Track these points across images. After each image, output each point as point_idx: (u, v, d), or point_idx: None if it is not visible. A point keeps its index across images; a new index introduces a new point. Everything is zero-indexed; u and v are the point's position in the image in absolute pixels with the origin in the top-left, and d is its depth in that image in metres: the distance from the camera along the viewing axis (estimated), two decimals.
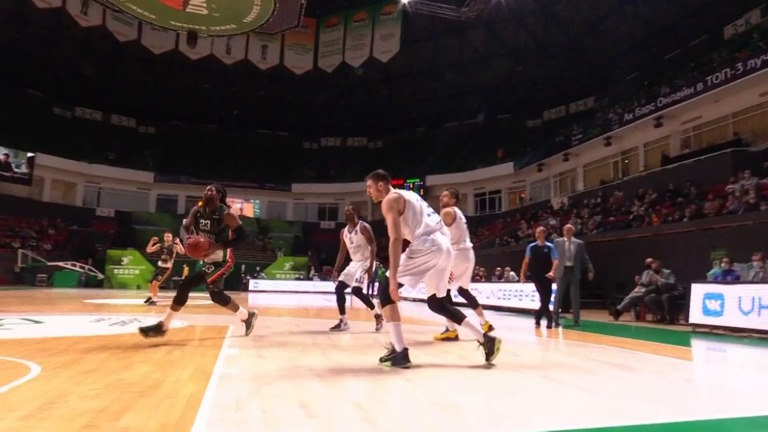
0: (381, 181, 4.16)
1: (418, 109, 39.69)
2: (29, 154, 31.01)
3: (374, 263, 6.80)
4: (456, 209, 5.96)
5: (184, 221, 5.22)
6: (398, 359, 3.83)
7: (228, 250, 5.25)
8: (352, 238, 6.60)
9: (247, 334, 5.74)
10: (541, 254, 7.89)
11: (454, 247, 5.84)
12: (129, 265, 26.32)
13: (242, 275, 28.54)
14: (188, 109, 39.44)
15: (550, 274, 7.76)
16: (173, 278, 26.16)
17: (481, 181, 34.36)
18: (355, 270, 6.61)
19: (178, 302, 4.92)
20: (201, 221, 5.11)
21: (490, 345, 3.99)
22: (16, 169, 30.63)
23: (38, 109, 35.20)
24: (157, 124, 40.21)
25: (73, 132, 36.03)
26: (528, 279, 8.11)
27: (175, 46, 31.34)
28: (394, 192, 4.05)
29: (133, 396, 2.68)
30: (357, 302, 7.25)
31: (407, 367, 3.77)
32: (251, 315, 5.80)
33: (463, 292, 6.19)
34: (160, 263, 11.12)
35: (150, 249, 10.93)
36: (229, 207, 5.20)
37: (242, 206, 39.96)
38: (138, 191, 36.41)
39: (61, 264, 25.25)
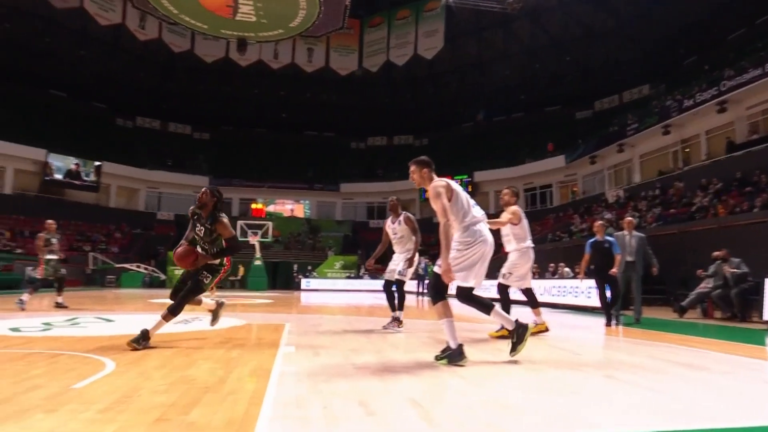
0: (425, 167, 4.09)
1: (463, 104, 39.25)
2: (96, 163, 33.07)
3: (422, 258, 6.72)
4: (519, 208, 5.92)
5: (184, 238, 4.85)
6: (454, 356, 3.79)
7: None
8: (395, 229, 6.46)
9: (212, 324, 5.37)
10: (602, 249, 7.46)
11: (520, 246, 5.78)
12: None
13: (294, 274, 29.20)
14: (239, 114, 40.76)
15: (614, 270, 7.32)
16: (229, 278, 27.21)
17: (531, 176, 33.59)
18: (397, 264, 6.45)
19: (173, 313, 4.52)
20: (197, 225, 4.72)
21: (521, 331, 3.95)
22: (85, 178, 32.79)
23: (102, 120, 37.49)
24: (210, 130, 41.81)
25: (135, 140, 38.12)
26: (588, 276, 7.78)
27: (225, 54, 32.52)
28: (441, 179, 4.01)
29: (199, 392, 2.79)
30: (408, 300, 7.20)
31: (463, 365, 3.73)
32: (219, 305, 5.32)
33: (526, 291, 6.12)
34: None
35: None
36: (222, 214, 4.71)
37: (293, 207, 40.88)
38: (195, 195, 37.86)
39: (127, 266, 26.73)
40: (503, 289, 5.98)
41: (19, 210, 28.92)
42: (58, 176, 31.70)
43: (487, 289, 16.71)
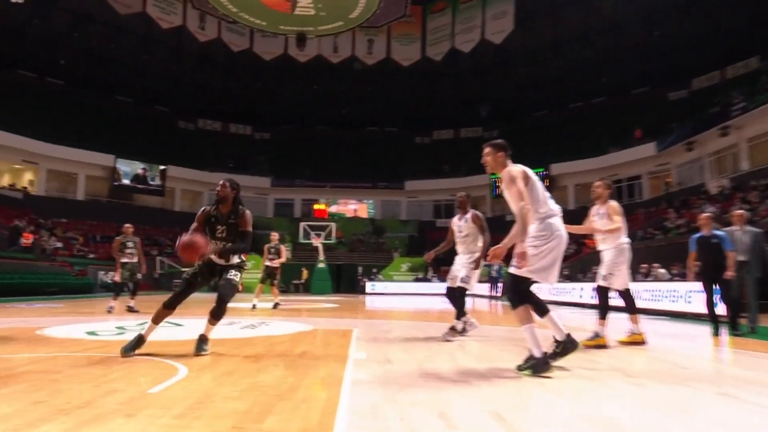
0: (501, 151, 4.09)
1: (537, 91, 38.00)
2: (161, 167, 35.28)
3: (494, 264, 6.55)
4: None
5: (192, 229, 4.67)
6: (539, 366, 3.67)
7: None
8: (461, 227, 6.30)
9: (123, 351, 4.32)
10: (709, 246, 6.87)
11: (616, 243, 5.54)
12: (252, 269, 28.55)
13: (359, 278, 29.56)
14: (299, 111, 41.89)
15: (729, 273, 6.67)
16: (293, 281, 28.01)
17: (616, 167, 31.97)
18: (459, 269, 6.29)
19: (217, 317, 4.67)
20: (217, 228, 4.62)
21: (569, 347, 3.88)
22: (151, 182, 35.09)
23: (166, 124, 39.96)
24: (270, 130, 43.32)
25: (197, 143, 40.24)
26: (697, 276, 7.20)
27: (284, 50, 33.57)
28: (517, 165, 4.00)
29: (272, 399, 2.87)
30: (479, 303, 7.07)
31: (549, 376, 3.61)
32: (143, 340, 4.50)
33: (624, 293, 5.83)
34: (267, 263, 11.92)
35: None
36: (244, 207, 4.77)
37: (356, 207, 41.45)
38: (256, 197, 39.43)
39: None
40: (603, 292, 5.70)
41: (91, 215, 31.46)
42: (126, 181, 34.13)
43: (570, 292, 16.11)
